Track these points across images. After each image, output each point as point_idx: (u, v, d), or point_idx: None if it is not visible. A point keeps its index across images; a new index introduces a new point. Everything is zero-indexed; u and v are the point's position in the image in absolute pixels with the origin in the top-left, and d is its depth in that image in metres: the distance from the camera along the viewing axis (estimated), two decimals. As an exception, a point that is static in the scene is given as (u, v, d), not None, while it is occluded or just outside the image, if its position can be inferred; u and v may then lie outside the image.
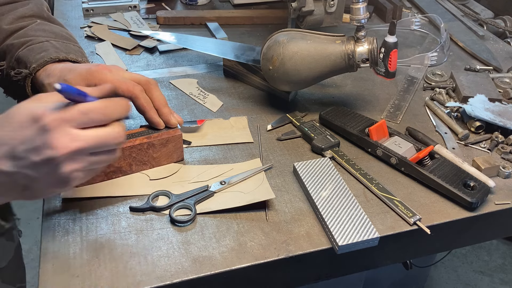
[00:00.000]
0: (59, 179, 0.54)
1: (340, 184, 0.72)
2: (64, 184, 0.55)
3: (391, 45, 1.00)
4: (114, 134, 0.56)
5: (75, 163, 0.54)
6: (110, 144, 0.56)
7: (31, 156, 0.52)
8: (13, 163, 0.53)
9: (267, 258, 0.62)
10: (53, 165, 0.53)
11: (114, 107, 0.57)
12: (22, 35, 0.77)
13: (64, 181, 0.55)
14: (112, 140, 0.56)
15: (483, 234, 0.77)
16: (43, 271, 0.59)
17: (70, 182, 0.55)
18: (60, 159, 0.52)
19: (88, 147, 0.54)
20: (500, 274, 1.97)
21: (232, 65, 0.99)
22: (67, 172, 0.54)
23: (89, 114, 0.54)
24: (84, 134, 0.54)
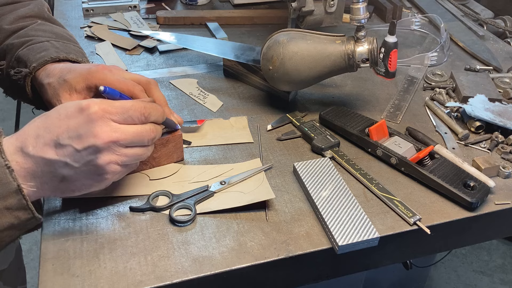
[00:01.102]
0: (96, 170, 0.58)
1: (340, 184, 0.72)
2: (100, 176, 0.59)
3: (391, 45, 1.00)
4: (149, 131, 0.61)
5: (112, 154, 0.58)
6: (145, 140, 0.61)
7: (74, 143, 0.55)
8: (56, 150, 0.56)
9: (267, 258, 0.62)
10: (93, 153, 0.56)
11: (152, 109, 0.62)
12: (23, 35, 0.77)
13: (100, 173, 0.58)
14: (147, 137, 0.61)
15: (483, 234, 0.77)
16: (43, 271, 0.59)
17: (105, 175, 0.59)
18: (100, 147, 0.56)
19: (126, 139, 0.58)
20: (500, 274, 1.97)
21: (232, 65, 0.99)
22: (105, 162, 0.57)
23: (130, 111, 0.59)
24: (124, 127, 0.58)
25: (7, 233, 0.57)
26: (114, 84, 0.70)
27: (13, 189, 0.55)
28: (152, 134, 0.62)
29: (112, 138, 0.57)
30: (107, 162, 0.57)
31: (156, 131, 0.63)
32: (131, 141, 0.59)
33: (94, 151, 0.56)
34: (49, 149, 0.56)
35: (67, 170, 0.57)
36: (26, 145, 0.56)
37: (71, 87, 0.69)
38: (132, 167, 0.64)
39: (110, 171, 0.58)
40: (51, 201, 0.69)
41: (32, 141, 0.56)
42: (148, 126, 0.61)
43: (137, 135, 0.60)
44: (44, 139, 0.56)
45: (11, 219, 0.56)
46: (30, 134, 0.57)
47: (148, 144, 0.62)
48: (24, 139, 0.56)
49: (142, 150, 0.62)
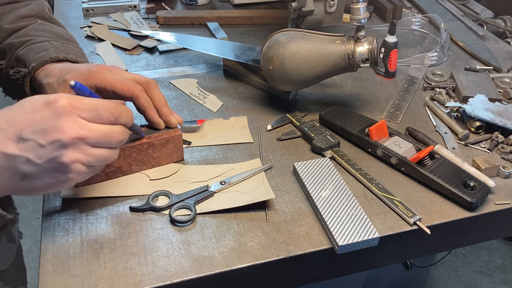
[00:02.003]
0: (60, 168, 0.55)
1: (340, 184, 0.72)
2: (64, 175, 0.55)
3: (391, 45, 1.00)
4: (118, 133, 0.58)
5: (78, 152, 0.55)
6: (113, 142, 0.58)
7: (37, 138, 0.53)
8: (18, 145, 0.53)
9: (267, 258, 0.62)
10: (57, 149, 0.53)
11: (123, 111, 0.59)
12: (23, 34, 0.77)
13: (64, 171, 0.55)
14: (115, 138, 0.58)
15: (483, 234, 0.77)
16: (43, 271, 0.59)
17: (69, 174, 0.55)
18: (66, 143, 0.53)
19: (93, 138, 0.55)
20: (500, 274, 1.97)
21: (232, 65, 0.99)
22: (69, 160, 0.54)
23: (99, 109, 0.56)
24: (92, 126, 0.56)
25: None
26: (114, 84, 0.70)
27: None
28: (120, 136, 0.59)
29: (79, 135, 0.54)
30: (72, 160, 0.54)
31: (125, 134, 0.60)
32: (98, 141, 0.56)
33: (59, 147, 0.53)
34: (11, 143, 0.53)
35: (29, 167, 0.54)
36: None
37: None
38: (97, 169, 0.60)
39: (75, 170, 0.55)
40: (51, 201, 0.69)
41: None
42: (118, 128, 0.59)
43: (106, 135, 0.57)
44: (6, 133, 0.53)
45: None
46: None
47: (116, 147, 0.59)
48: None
49: (108, 152, 0.58)
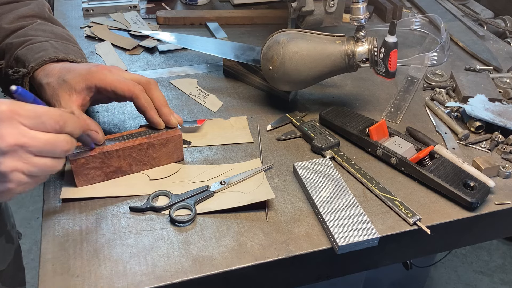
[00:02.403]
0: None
1: (340, 184, 0.72)
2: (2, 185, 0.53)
3: (391, 45, 1.00)
4: (63, 142, 0.55)
5: (18, 160, 0.52)
6: (57, 151, 0.55)
7: None
8: None
9: (267, 258, 0.62)
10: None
11: (69, 119, 0.56)
12: (22, 34, 0.77)
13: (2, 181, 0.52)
14: (60, 147, 0.55)
15: (483, 234, 0.77)
16: (43, 271, 0.59)
17: (7, 184, 0.53)
18: (4, 150, 0.50)
19: (35, 146, 0.53)
20: (500, 274, 1.97)
21: (232, 65, 0.99)
22: (8, 168, 0.51)
23: (43, 117, 0.53)
24: (34, 133, 0.53)
25: None
26: (114, 84, 0.69)
27: None
28: (66, 146, 0.56)
29: (19, 142, 0.51)
30: (10, 168, 0.51)
31: (71, 143, 0.57)
32: (41, 149, 0.53)
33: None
34: None
35: None
36: None
37: (70, 88, 0.69)
38: (41, 179, 0.57)
39: (14, 179, 0.52)
40: (51, 201, 0.69)
41: None
42: (63, 137, 0.55)
43: (49, 144, 0.54)
44: None
45: None
46: None
47: (60, 156, 0.56)
48: None
49: (52, 162, 0.55)
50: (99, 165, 0.69)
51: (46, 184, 0.71)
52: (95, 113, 0.87)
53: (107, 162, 0.70)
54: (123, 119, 0.85)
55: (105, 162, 0.70)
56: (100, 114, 0.87)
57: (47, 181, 0.72)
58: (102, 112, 0.87)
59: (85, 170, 0.69)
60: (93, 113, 0.87)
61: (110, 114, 0.87)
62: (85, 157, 0.68)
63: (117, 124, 0.84)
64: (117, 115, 0.86)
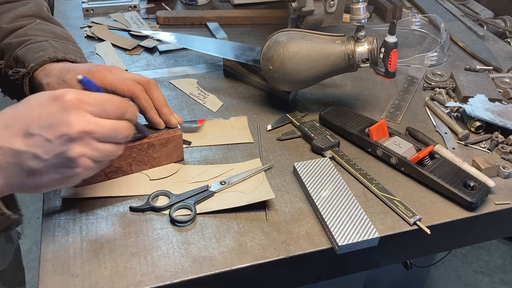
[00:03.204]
0: (67, 162, 0.54)
1: (340, 184, 0.72)
2: (71, 170, 0.55)
3: (391, 45, 1.00)
4: (124, 128, 0.59)
5: (85, 146, 0.55)
6: (119, 137, 0.58)
7: (44, 133, 0.52)
8: (25, 141, 0.53)
9: (267, 258, 0.62)
10: (64, 144, 0.53)
11: (129, 106, 0.60)
12: (21, 34, 0.77)
13: (71, 166, 0.55)
14: (122, 133, 0.58)
15: (483, 234, 0.77)
16: (43, 271, 0.59)
17: (76, 169, 0.55)
18: (73, 137, 0.53)
19: (100, 132, 0.55)
20: (500, 274, 1.97)
21: (232, 65, 0.99)
22: (77, 154, 0.54)
23: (106, 104, 0.56)
24: (99, 120, 0.56)
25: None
26: (114, 84, 0.69)
27: None
28: (126, 132, 0.59)
29: (86, 129, 0.54)
30: (79, 154, 0.54)
31: (130, 129, 0.60)
32: (105, 135, 0.56)
33: (66, 141, 0.53)
34: (17, 139, 0.52)
35: (36, 163, 0.53)
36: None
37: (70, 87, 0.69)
38: (103, 165, 0.60)
39: (82, 164, 0.55)
40: (51, 201, 0.69)
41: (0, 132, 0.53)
42: (123, 123, 0.59)
43: (112, 130, 0.57)
44: (13, 129, 0.53)
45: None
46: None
47: (121, 142, 0.60)
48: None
49: (114, 148, 0.58)
50: (99, 165, 0.69)
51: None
52: (95, 113, 0.87)
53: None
54: (123, 119, 0.85)
55: (105, 162, 0.69)
56: (100, 114, 0.86)
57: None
58: (102, 112, 0.87)
59: (85, 170, 0.69)
60: (93, 113, 0.87)
61: (110, 114, 0.87)
62: None
63: (117, 124, 0.84)
64: (117, 115, 0.86)
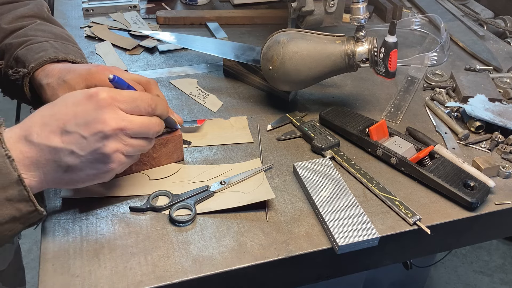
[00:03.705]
0: (102, 158, 0.57)
1: (340, 184, 0.72)
2: (105, 165, 0.58)
3: (391, 45, 1.00)
4: (155, 124, 0.62)
5: (119, 142, 0.57)
6: (150, 132, 0.61)
7: (81, 130, 0.55)
8: (62, 138, 0.55)
9: (267, 258, 0.62)
10: (100, 140, 0.56)
11: (159, 102, 0.62)
12: (22, 34, 0.77)
13: (106, 162, 0.58)
14: (153, 129, 0.61)
15: (483, 234, 0.77)
16: (43, 271, 0.59)
17: (110, 164, 0.58)
18: (108, 134, 0.56)
19: (133, 129, 0.58)
20: (500, 274, 1.97)
21: (232, 65, 0.99)
22: (112, 150, 0.57)
23: (137, 101, 0.59)
24: (131, 117, 0.58)
25: (8, 226, 0.55)
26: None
27: (14, 180, 0.54)
28: (157, 128, 0.62)
29: (120, 126, 0.56)
30: (113, 150, 0.57)
31: (161, 125, 0.63)
32: (137, 131, 0.59)
33: (101, 138, 0.56)
34: (54, 136, 0.55)
35: (73, 159, 0.56)
36: (31, 133, 0.55)
37: (70, 88, 0.69)
38: (134, 159, 0.63)
39: (116, 160, 0.58)
40: (51, 201, 0.69)
41: (37, 129, 0.55)
42: (154, 119, 0.62)
43: (144, 126, 0.60)
44: (50, 127, 0.55)
45: (12, 211, 0.54)
46: (35, 122, 0.56)
47: (152, 137, 0.63)
48: (28, 128, 0.55)
49: (145, 143, 0.62)
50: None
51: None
52: (95, 113, 0.87)
53: (107, 162, 0.70)
54: (123, 119, 0.85)
55: (105, 162, 0.70)
56: (100, 114, 0.86)
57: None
58: (102, 112, 0.87)
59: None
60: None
61: (110, 114, 0.87)
62: None
63: (117, 124, 0.84)
64: (117, 115, 0.86)
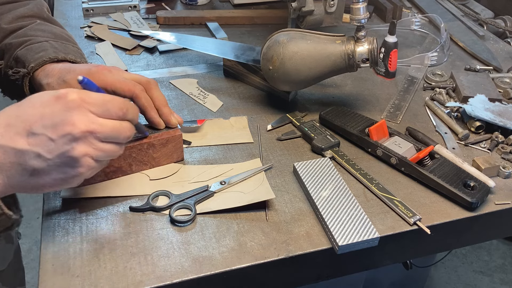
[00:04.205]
0: (70, 162, 0.54)
1: (340, 184, 0.72)
2: (73, 170, 0.55)
3: (391, 45, 1.00)
4: (126, 128, 0.59)
5: (88, 146, 0.55)
6: (121, 137, 0.59)
7: (48, 132, 0.53)
8: (28, 140, 0.53)
9: (267, 258, 0.62)
10: (68, 143, 0.53)
11: (130, 107, 0.60)
12: (21, 34, 0.77)
13: (74, 166, 0.55)
14: (123, 133, 0.59)
15: (483, 234, 0.77)
16: (43, 271, 0.59)
17: (79, 169, 0.55)
18: (77, 136, 0.53)
19: (103, 132, 0.56)
20: (500, 274, 1.97)
21: (232, 65, 0.99)
22: (80, 154, 0.54)
23: (108, 104, 0.57)
24: (102, 120, 0.56)
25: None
26: (115, 85, 0.69)
27: None
28: (128, 132, 0.59)
29: (89, 128, 0.54)
30: (82, 153, 0.54)
31: (132, 130, 0.61)
32: (108, 135, 0.56)
33: (70, 140, 0.53)
34: (20, 138, 0.52)
35: (39, 162, 0.53)
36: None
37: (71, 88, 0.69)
38: (103, 164, 0.61)
39: (85, 164, 0.55)
40: (51, 201, 0.69)
41: (1, 131, 0.52)
42: (125, 124, 0.59)
43: (115, 130, 0.57)
44: (15, 128, 0.52)
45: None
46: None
47: (122, 142, 0.60)
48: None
49: (116, 147, 0.59)
50: (99, 165, 0.69)
51: (46, 184, 0.71)
52: (95, 113, 0.87)
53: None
54: (123, 119, 0.85)
55: (105, 162, 0.70)
56: (100, 114, 0.86)
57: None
58: (102, 112, 0.87)
59: (85, 170, 0.69)
60: (93, 113, 0.87)
61: (110, 114, 0.87)
62: None
63: (117, 124, 0.84)
64: (117, 115, 0.86)
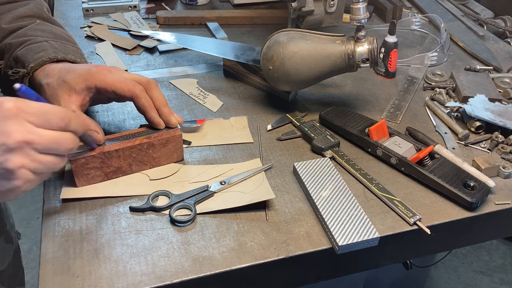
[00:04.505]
0: (5, 174, 0.52)
1: (340, 184, 0.72)
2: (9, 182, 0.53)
3: (391, 45, 1.00)
4: (67, 140, 0.56)
5: (24, 157, 0.52)
6: (62, 149, 0.56)
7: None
8: None
9: (267, 258, 0.62)
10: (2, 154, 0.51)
11: (73, 117, 0.57)
12: (21, 34, 0.77)
13: (10, 178, 0.53)
14: (65, 145, 0.56)
15: (483, 234, 0.77)
16: (43, 271, 0.59)
17: (15, 181, 0.53)
18: (12, 147, 0.51)
19: (41, 143, 0.53)
20: (500, 274, 1.97)
21: (232, 65, 0.99)
22: (16, 165, 0.52)
23: (48, 114, 0.54)
24: (40, 131, 0.53)
25: None
26: (115, 85, 0.70)
27: None
28: (70, 144, 0.56)
29: (26, 139, 0.51)
30: (18, 165, 0.52)
31: (75, 141, 0.57)
32: (46, 147, 0.54)
33: (4, 151, 0.51)
34: None
35: None
36: None
37: (70, 88, 0.69)
38: (44, 177, 0.58)
39: (21, 176, 0.53)
40: (51, 201, 0.69)
41: None
42: (67, 135, 0.56)
43: (54, 142, 0.54)
44: None
45: None
46: None
47: (64, 154, 0.57)
48: None
49: (56, 159, 0.56)
50: (99, 165, 0.69)
51: (46, 184, 0.71)
52: (95, 113, 0.87)
53: (107, 162, 0.70)
54: (123, 119, 0.85)
55: (105, 162, 0.70)
56: (100, 114, 0.87)
57: (47, 181, 0.72)
58: (102, 112, 0.87)
59: (85, 170, 0.69)
60: (93, 113, 0.87)
61: (110, 114, 0.87)
62: (85, 157, 0.68)
63: (117, 124, 0.84)
64: (117, 115, 0.86)
